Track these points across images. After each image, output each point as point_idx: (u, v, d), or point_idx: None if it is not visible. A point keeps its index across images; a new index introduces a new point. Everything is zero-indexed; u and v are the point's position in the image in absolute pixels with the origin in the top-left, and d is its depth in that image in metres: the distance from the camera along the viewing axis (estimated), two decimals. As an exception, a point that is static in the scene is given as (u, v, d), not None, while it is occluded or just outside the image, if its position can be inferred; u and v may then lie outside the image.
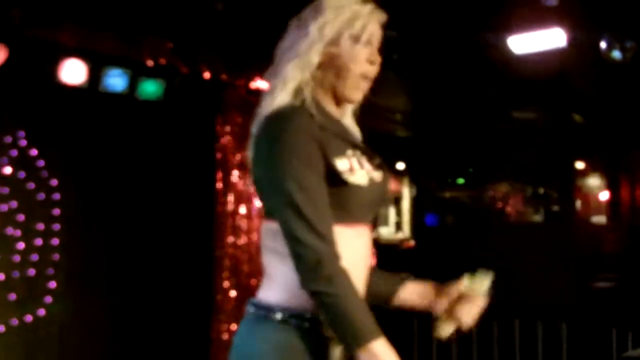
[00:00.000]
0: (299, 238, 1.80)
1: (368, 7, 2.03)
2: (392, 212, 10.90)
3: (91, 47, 5.88)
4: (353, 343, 1.79)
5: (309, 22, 1.99)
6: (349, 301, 1.79)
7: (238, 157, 7.03)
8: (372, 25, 2.04)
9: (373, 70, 2.08)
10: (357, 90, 2.05)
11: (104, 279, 6.33)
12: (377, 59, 2.07)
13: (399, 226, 10.83)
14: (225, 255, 6.82)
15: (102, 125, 6.33)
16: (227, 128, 7.00)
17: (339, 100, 2.06)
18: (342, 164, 1.94)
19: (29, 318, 5.95)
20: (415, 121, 8.96)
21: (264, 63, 6.17)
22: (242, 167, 7.05)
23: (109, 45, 6.02)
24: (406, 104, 8.54)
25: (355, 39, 2.01)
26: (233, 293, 6.82)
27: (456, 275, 2.26)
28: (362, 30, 2.01)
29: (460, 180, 8.91)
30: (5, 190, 5.94)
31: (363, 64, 2.05)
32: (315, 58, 1.97)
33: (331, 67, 2.00)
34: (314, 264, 1.78)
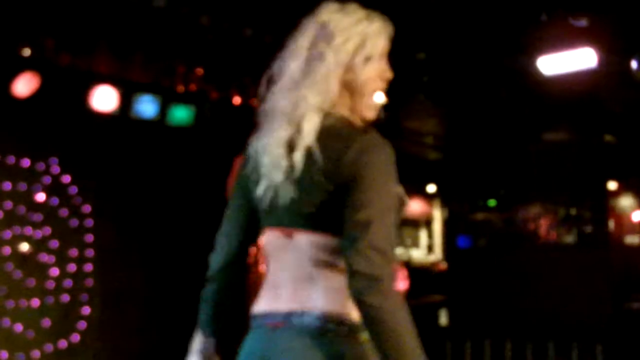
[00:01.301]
0: (377, 251, 1.78)
1: (375, 25, 2.01)
2: (423, 234, 10.83)
3: (122, 74, 5.94)
4: None
5: (320, 45, 1.97)
6: (402, 320, 1.80)
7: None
8: (381, 41, 2.02)
9: (385, 84, 2.06)
10: (372, 109, 2.05)
11: (138, 305, 6.32)
12: (389, 73, 2.05)
13: (430, 249, 10.75)
14: (258, 281, 6.73)
15: (133, 152, 6.38)
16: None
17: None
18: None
19: (63, 344, 5.97)
20: (446, 143, 8.90)
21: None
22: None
23: (139, 72, 6.08)
24: (437, 126, 8.49)
25: (367, 59, 1.99)
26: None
27: (488, 297, 2.21)
28: (373, 49, 2.00)
29: (492, 202, 8.81)
30: (39, 217, 5.99)
31: (377, 82, 2.03)
32: (335, 86, 1.97)
33: (347, 89, 2.00)
34: (377, 278, 1.76)
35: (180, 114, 6.33)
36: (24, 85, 5.45)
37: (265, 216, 2.01)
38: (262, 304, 2.02)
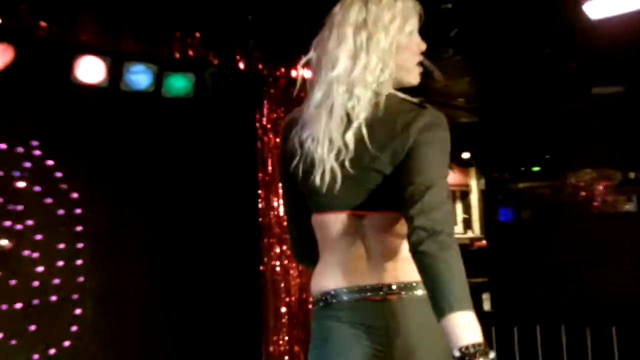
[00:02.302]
0: (438, 210, 2.03)
1: (410, 1, 2.29)
2: (459, 208, 10.54)
3: (109, 42, 5.73)
4: (446, 308, 1.95)
5: (368, 27, 2.21)
6: (457, 272, 2.01)
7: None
8: (416, 15, 2.31)
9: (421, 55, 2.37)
10: (417, 77, 2.38)
11: (137, 302, 6.13)
12: (424, 45, 2.35)
13: (467, 224, 10.47)
14: (272, 267, 6.60)
15: (125, 128, 6.15)
16: (269, 125, 6.73)
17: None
18: None
19: (52, 351, 5.76)
20: (481, 105, 8.62)
21: (305, 46, 5.64)
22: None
23: (129, 39, 5.84)
24: (469, 85, 8.20)
25: (410, 34, 2.27)
26: (283, 309, 6.58)
27: (536, 277, 1.93)
28: (413, 25, 2.28)
29: (536, 169, 8.63)
30: (20, 207, 5.76)
31: (417, 55, 2.33)
32: (393, 66, 2.23)
33: (397, 67, 2.26)
34: (437, 231, 2.00)
35: (178, 84, 6.12)
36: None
37: (323, 201, 2.21)
38: (341, 281, 2.21)
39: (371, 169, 2.14)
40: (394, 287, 2.17)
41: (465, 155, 10.06)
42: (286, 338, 6.50)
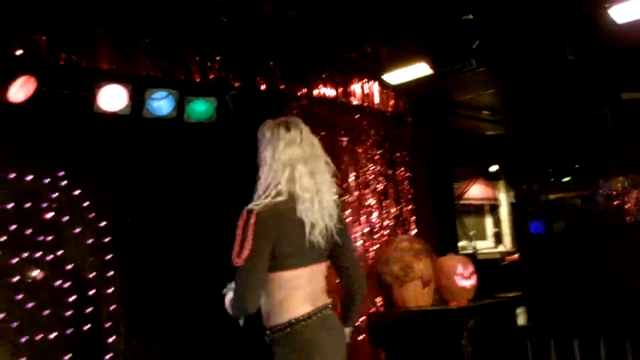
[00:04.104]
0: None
1: None
2: (489, 222, 10.60)
3: (129, 69, 5.83)
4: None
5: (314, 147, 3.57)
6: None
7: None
8: None
9: None
10: None
11: (168, 329, 6.21)
12: None
13: (498, 238, 10.52)
14: None
15: (149, 155, 6.28)
16: (293, 144, 6.81)
17: None
18: None
19: (86, 379, 5.91)
20: (507, 116, 8.67)
21: (326, 67, 6.05)
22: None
23: (149, 65, 5.96)
24: (494, 97, 8.29)
25: None
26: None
27: (572, 290, 2.07)
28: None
29: (566, 179, 8.62)
30: (50, 237, 5.89)
31: None
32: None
33: None
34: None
35: (200, 108, 6.27)
36: (20, 89, 5.36)
37: (300, 257, 3.31)
38: (308, 307, 3.32)
39: (329, 239, 3.42)
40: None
41: (493, 168, 10.11)
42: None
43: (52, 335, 5.75)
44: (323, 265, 3.39)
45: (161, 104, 6.03)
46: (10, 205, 5.74)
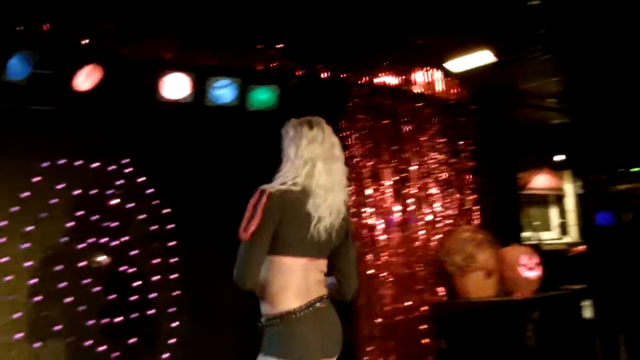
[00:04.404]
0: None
1: None
2: (554, 213, 10.48)
3: (192, 57, 5.91)
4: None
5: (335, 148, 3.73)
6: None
7: (369, 165, 6.89)
8: None
9: None
10: None
11: (231, 315, 6.19)
12: None
13: (564, 229, 10.39)
14: (365, 276, 6.68)
15: (212, 143, 6.36)
16: (355, 134, 6.87)
17: None
18: None
19: (151, 363, 6.04)
20: (574, 104, 8.53)
21: (388, 55, 6.02)
22: (375, 176, 6.91)
23: (212, 54, 6.05)
24: (560, 85, 8.17)
25: None
26: (378, 319, 6.69)
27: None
28: None
29: (636, 169, 8.46)
30: (115, 224, 6.04)
31: None
32: None
33: None
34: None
35: (262, 97, 6.27)
36: (86, 78, 5.47)
37: (299, 246, 3.47)
38: (300, 301, 3.45)
39: (335, 236, 3.57)
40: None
41: (559, 157, 9.99)
42: (380, 348, 6.64)
43: (117, 320, 5.89)
44: (321, 262, 3.57)
45: (223, 92, 6.07)
46: (76, 192, 5.89)
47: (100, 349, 5.80)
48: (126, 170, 6.18)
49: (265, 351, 3.43)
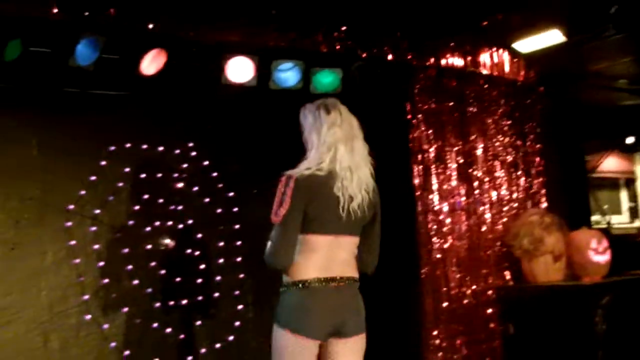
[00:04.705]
0: None
1: None
2: (624, 196, 10.28)
3: (256, 40, 5.88)
4: None
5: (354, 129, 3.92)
6: None
7: (435, 148, 6.81)
8: None
9: None
10: None
11: None
12: None
13: (634, 213, 10.20)
14: (430, 259, 6.64)
15: (275, 127, 6.21)
16: (420, 116, 6.79)
17: None
18: None
19: (217, 345, 6.08)
20: (645, 84, 8.30)
21: (454, 35, 5.87)
22: (440, 159, 6.83)
23: (275, 36, 6.01)
24: (631, 65, 7.97)
25: None
26: (444, 304, 6.65)
27: None
28: None
29: None
30: (180, 207, 6.09)
31: None
32: None
33: None
34: None
35: (326, 80, 6.22)
36: (151, 63, 5.50)
37: (325, 225, 3.59)
38: (318, 273, 3.56)
39: (363, 215, 3.70)
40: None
41: (630, 139, 9.77)
42: (446, 332, 6.58)
43: (183, 302, 5.96)
44: (350, 239, 3.69)
45: (287, 75, 6.04)
46: (142, 176, 5.95)
47: (167, 330, 5.88)
48: (191, 154, 6.22)
49: (275, 318, 3.61)
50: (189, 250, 6.09)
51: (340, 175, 3.62)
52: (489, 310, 6.92)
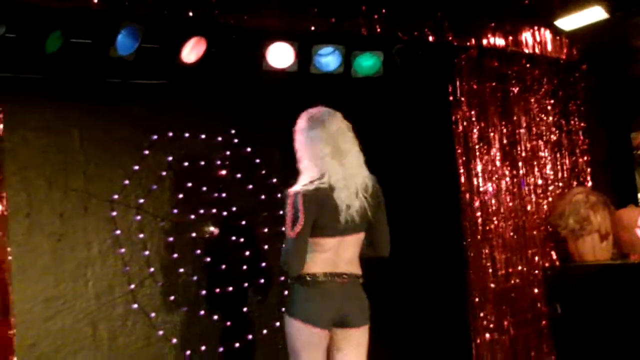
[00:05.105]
0: None
1: None
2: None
3: (296, 25, 5.81)
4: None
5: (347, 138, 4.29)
6: None
7: (478, 129, 6.71)
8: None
9: None
10: None
11: None
12: None
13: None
14: (476, 241, 6.56)
15: None
16: (462, 97, 6.69)
17: None
18: None
19: (265, 331, 6.10)
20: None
21: (495, 14, 5.72)
22: (483, 140, 6.74)
23: (315, 20, 5.91)
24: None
25: None
26: (491, 285, 6.56)
27: None
28: None
29: None
30: (224, 194, 6.08)
31: None
32: None
33: None
34: None
35: (367, 63, 6.16)
36: (191, 51, 5.47)
37: (331, 229, 3.99)
38: (322, 268, 4.02)
39: (365, 216, 4.08)
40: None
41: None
42: (493, 313, 6.52)
43: (229, 289, 5.96)
44: (356, 237, 4.08)
45: (328, 59, 5.98)
46: (185, 164, 5.95)
47: (214, 318, 5.90)
48: (233, 141, 6.20)
49: (285, 309, 4.11)
50: (233, 237, 6.08)
51: (336, 187, 3.95)
52: (536, 291, 6.83)
